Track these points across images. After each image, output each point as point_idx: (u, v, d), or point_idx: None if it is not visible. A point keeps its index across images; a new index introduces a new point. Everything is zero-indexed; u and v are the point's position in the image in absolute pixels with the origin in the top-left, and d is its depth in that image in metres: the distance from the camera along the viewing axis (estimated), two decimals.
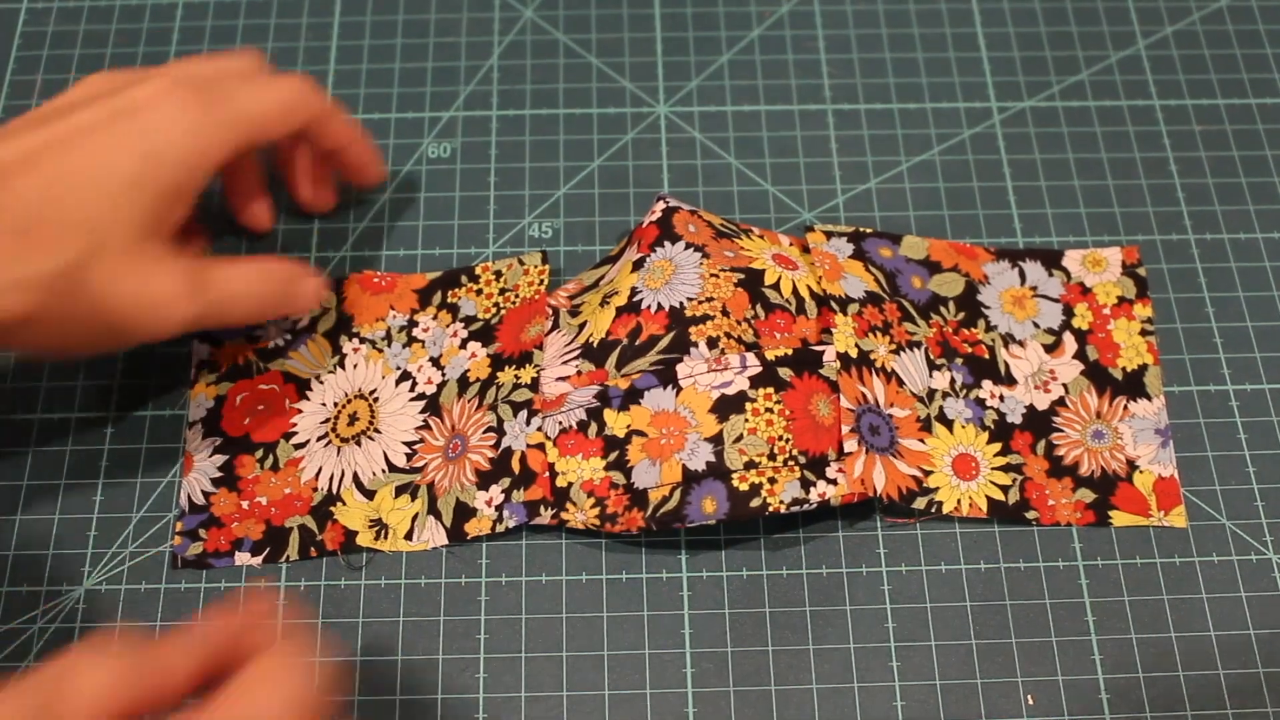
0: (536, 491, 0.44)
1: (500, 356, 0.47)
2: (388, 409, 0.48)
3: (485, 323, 0.49)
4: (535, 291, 0.49)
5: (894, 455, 0.45)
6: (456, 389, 0.47)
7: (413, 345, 0.49)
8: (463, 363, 0.48)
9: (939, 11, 0.58)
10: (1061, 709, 0.43)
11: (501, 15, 0.58)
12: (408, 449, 0.47)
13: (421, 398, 0.48)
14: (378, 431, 0.47)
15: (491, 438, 0.45)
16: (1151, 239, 0.52)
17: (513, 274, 0.50)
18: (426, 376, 0.48)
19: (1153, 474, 0.47)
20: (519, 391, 0.46)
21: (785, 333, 0.46)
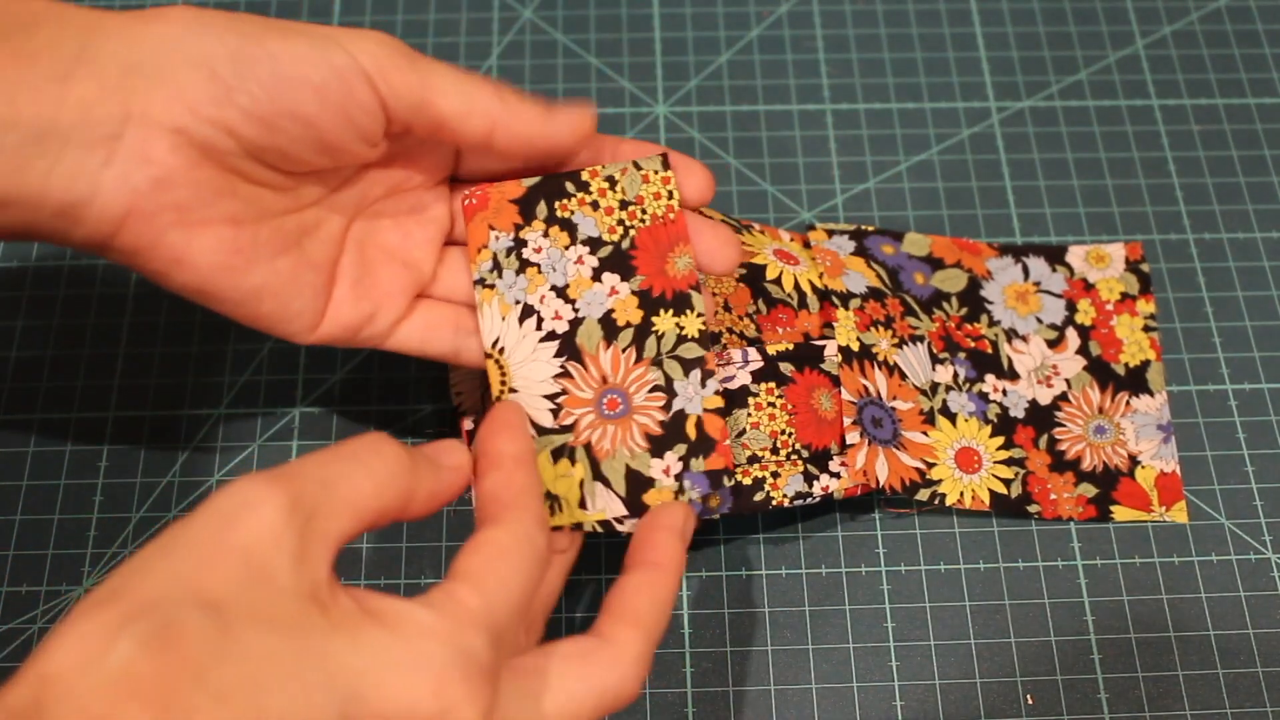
0: (718, 461, 0.39)
1: (650, 295, 0.41)
2: (516, 358, 0.41)
3: (615, 246, 0.41)
4: (667, 208, 0.41)
5: (897, 447, 0.45)
6: (601, 332, 0.41)
7: (527, 270, 0.42)
8: (602, 300, 0.41)
9: (938, 11, 0.59)
10: (1060, 709, 0.43)
11: (500, 15, 0.58)
12: (551, 404, 0.40)
13: (552, 336, 0.41)
14: (513, 392, 0.41)
15: (660, 398, 0.40)
16: (1150, 238, 0.52)
17: (630, 182, 0.42)
18: (554, 310, 0.41)
19: (1155, 469, 0.47)
20: (686, 346, 0.40)
21: (787, 327, 0.46)
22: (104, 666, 0.27)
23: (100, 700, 0.26)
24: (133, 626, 0.27)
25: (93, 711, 0.26)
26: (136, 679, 0.27)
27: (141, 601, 0.28)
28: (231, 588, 0.29)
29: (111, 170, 0.34)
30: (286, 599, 0.29)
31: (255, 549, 0.29)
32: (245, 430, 0.48)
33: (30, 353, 0.50)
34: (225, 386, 0.49)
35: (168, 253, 0.36)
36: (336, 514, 0.31)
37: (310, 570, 0.30)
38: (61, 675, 0.27)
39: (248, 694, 0.27)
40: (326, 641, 0.29)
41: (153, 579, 0.29)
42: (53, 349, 0.50)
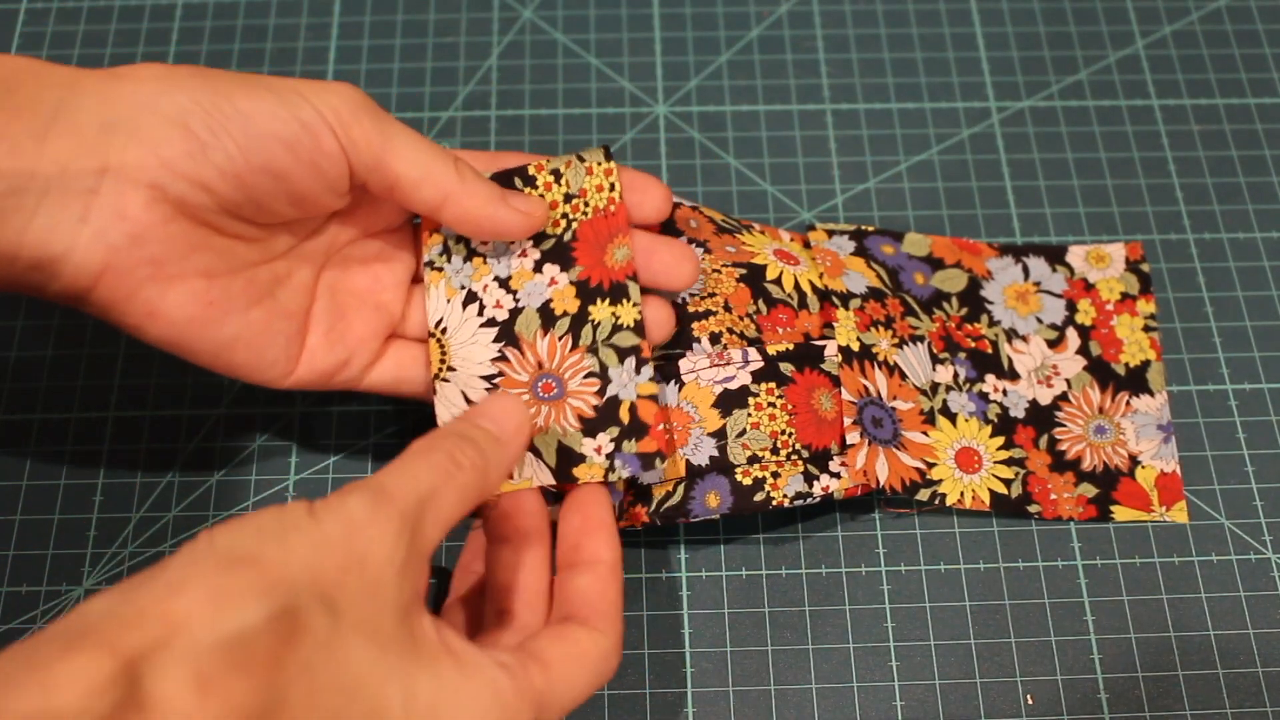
0: (650, 444, 0.40)
1: (588, 286, 0.42)
2: (457, 339, 0.43)
3: (557, 239, 0.43)
4: (608, 200, 0.43)
5: (897, 447, 0.45)
6: (539, 321, 0.43)
7: (473, 259, 0.44)
8: (542, 290, 0.43)
9: (937, 11, 0.59)
10: (1060, 708, 0.43)
11: (500, 15, 0.58)
12: (487, 384, 0.42)
13: (493, 324, 0.43)
14: (452, 370, 0.42)
15: (594, 383, 0.41)
16: (1150, 238, 0.52)
17: (574, 174, 0.43)
18: (495, 299, 0.43)
19: (1155, 469, 0.47)
20: (621, 335, 0.42)
21: (787, 328, 0.46)
22: (227, 628, 0.28)
23: (214, 661, 0.27)
24: (265, 600, 0.29)
25: (203, 669, 0.27)
26: (253, 652, 0.28)
27: (275, 578, 0.29)
28: (348, 592, 0.30)
29: (88, 226, 0.35)
30: (388, 614, 0.31)
31: (372, 560, 0.31)
32: (245, 430, 0.48)
33: (30, 353, 0.50)
34: (225, 386, 0.49)
35: (142, 307, 0.37)
36: (431, 529, 0.33)
37: (410, 586, 0.32)
38: (188, 622, 0.28)
39: (336, 697, 0.29)
40: (411, 667, 0.31)
41: (286, 558, 0.30)
42: (53, 349, 0.50)
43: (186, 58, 0.56)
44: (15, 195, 0.35)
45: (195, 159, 0.36)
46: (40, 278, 0.36)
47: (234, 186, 0.37)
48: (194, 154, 0.36)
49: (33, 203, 0.35)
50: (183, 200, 0.36)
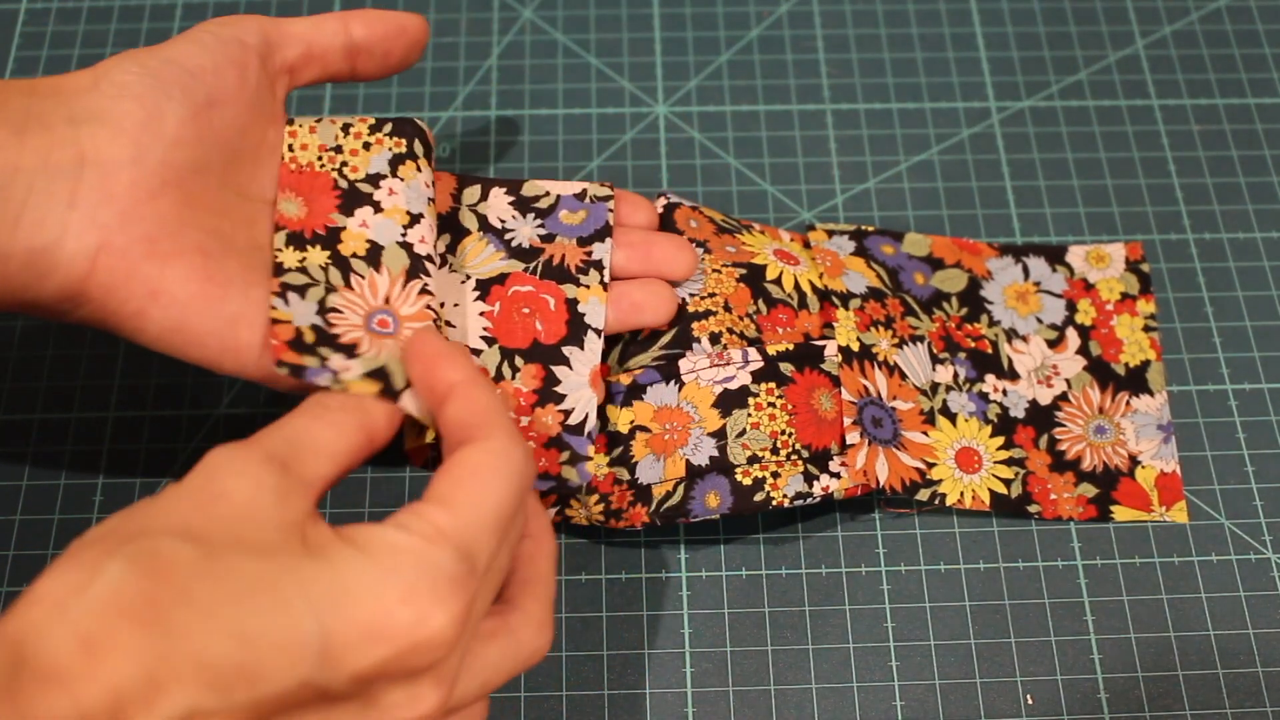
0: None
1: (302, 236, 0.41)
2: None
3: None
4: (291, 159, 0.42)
5: (897, 447, 0.45)
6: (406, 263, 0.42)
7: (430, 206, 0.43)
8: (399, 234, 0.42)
9: (937, 11, 0.59)
10: (1060, 708, 0.43)
11: (500, 15, 0.58)
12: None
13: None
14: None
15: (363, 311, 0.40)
16: (1150, 238, 0.52)
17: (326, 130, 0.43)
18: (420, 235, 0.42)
19: (1155, 469, 0.47)
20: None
21: (787, 328, 0.46)
22: (94, 589, 0.29)
23: (90, 619, 0.28)
24: (122, 551, 0.29)
25: (84, 630, 0.28)
26: (125, 598, 0.29)
27: (129, 534, 0.30)
28: (216, 524, 0.31)
29: (77, 210, 0.36)
30: (268, 530, 0.31)
31: (238, 493, 0.32)
32: (245, 430, 0.48)
33: (30, 353, 0.50)
34: (225, 386, 0.49)
35: (143, 286, 0.37)
36: (309, 461, 0.34)
37: (292, 507, 0.32)
38: (54, 597, 0.29)
39: (231, 610, 0.29)
40: (304, 564, 0.31)
41: (140, 520, 0.31)
42: (53, 349, 0.50)
43: None
44: (2, 190, 0.35)
45: (154, 118, 0.37)
46: (34, 275, 0.36)
47: (197, 132, 0.38)
48: (151, 115, 0.37)
49: (20, 195, 0.35)
50: (164, 165, 0.37)
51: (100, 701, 0.27)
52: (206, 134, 0.39)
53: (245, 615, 0.29)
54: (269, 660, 0.29)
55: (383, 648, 0.31)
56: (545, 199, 0.47)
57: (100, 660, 0.28)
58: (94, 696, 0.27)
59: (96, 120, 0.37)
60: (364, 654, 0.31)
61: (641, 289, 0.45)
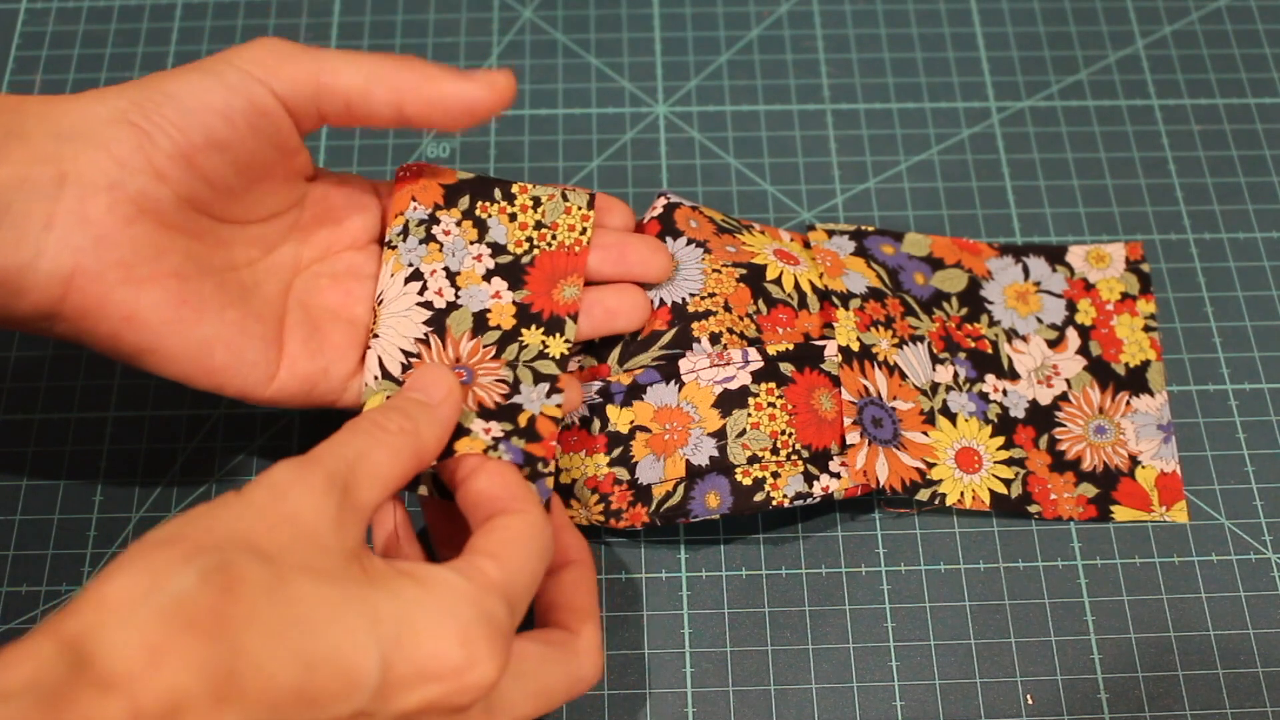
0: (539, 450, 0.40)
1: (529, 310, 0.43)
2: (390, 309, 0.43)
3: (515, 259, 0.44)
4: (575, 240, 0.44)
5: (897, 447, 0.45)
6: (471, 324, 0.43)
7: (430, 244, 0.44)
8: (483, 298, 0.44)
9: (938, 11, 0.59)
10: (1060, 708, 0.43)
11: (500, 15, 0.58)
12: (405, 359, 0.42)
13: (428, 307, 0.43)
14: (376, 336, 0.43)
15: (504, 389, 0.42)
16: (1150, 238, 0.52)
17: (553, 208, 0.45)
18: (438, 286, 0.44)
19: (1155, 469, 0.47)
20: (544, 363, 0.42)
21: (787, 328, 0.46)
22: (163, 596, 0.29)
23: (157, 627, 0.28)
24: (194, 562, 0.29)
25: (149, 638, 0.28)
26: (194, 611, 0.29)
27: (201, 544, 0.30)
28: (282, 545, 0.31)
29: (53, 233, 0.36)
30: (331, 556, 0.32)
31: (301, 516, 0.32)
32: (245, 430, 0.48)
33: (30, 353, 0.50)
34: None
35: (117, 310, 0.37)
36: (364, 486, 0.34)
37: (349, 536, 0.33)
38: (120, 601, 0.29)
39: (296, 634, 0.30)
40: (368, 592, 0.31)
41: (211, 529, 0.31)
42: (53, 349, 0.50)
43: (186, 57, 0.56)
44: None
45: (143, 150, 0.37)
46: (9, 294, 0.36)
47: (186, 169, 0.38)
48: (141, 145, 0.37)
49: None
50: (143, 195, 0.37)
51: (158, 709, 0.27)
52: (196, 173, 0.38)
53: (311, 640, 0.30)
54: (329, 687, 0.30)
55: (434, 687, 0.32)
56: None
57: (162, 668, 0.28)
58: (152, 704, 0.27)
59: (83, 140, 0.36)
60: (416, 691, 0.31)
61: (616, 295, 0.45)
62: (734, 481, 0.43)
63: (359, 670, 0.30)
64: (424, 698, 0.32)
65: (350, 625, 0.31)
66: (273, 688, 0.29)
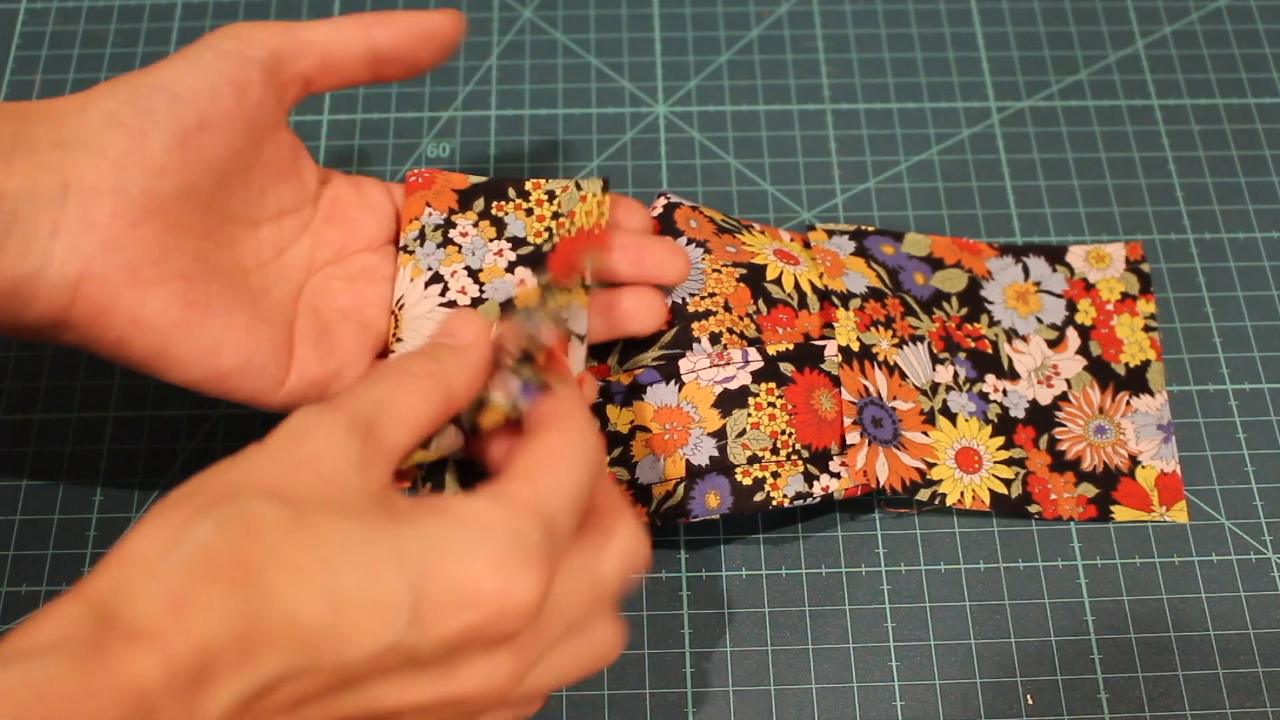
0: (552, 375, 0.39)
1: (554, 285, 0.42)
2: (412, 313, 0.43)
3: (536, 249, 0.45)
4: (595, 223, 0.44)
5: (897, 447, 0.45)
6: (499, 312, 0.43)
7: (448, 247, 0.44)
8: (508, 288, 0.44)
9: (938, 11, 0.59)
10: (1060, 708, 0.43)
11: (500, 15, 0.58)
12: None
13: (451, 305, 0.43)
14: (399, 340, 0.43)
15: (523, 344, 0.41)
16: (1150, 238, 0.52)
17: (568, 198, 0.45)
18: (461, 285, 0.44)
19: (1155, 469, 0.47)
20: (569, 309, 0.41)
21: (787, 328, 0.46)
22: (183, 548, 0.29)
23: (180, 579, 0.28)
24: (212, 512, 0.29)
25: (173, 590, 0.28)
26: (216, 559, 0.29)
27: (218, 494, 0.30)
28: (304, 488, 0.31)
29: (59, 240, 0.36)
30: (354, 496, 0.31)
31: (324, 458, 0.32)
32: (245, 430, 0.48)
33: (30, 353, 0.50)
34: None
35: (124, 314, 0.37)
36: (391, 429, 0.34)
37: (373, 478, 0.32)
38: (142, 558, 0.29)
39: (322, 572, 0.29)
40: (393, 528, 0.31)
41: (228, 480, 0.31)
42: (52, 349, 0.50)
43: None
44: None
45: (139, 146, 0.37)
46: (18, 303, 0.36)
47: (183, 157, 0.38)
48: (136, 143, 0.37)
49: (4, 224, 0.35)
50: (146, 193, 0.37)
51: (190, 658, 0.27)
52: (194, 159, 0.38)
53: (337, 577, 0.29)
54: (360, 623, 0.29)
55: (471, 613, 0.31)
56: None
57: (191, 618, 0.28)
58: (184, 654, 0.27)
59: (82, 147, 0.37)
60: (453, 619, 0.31)
61: (632, 297, 0.45)
62: (734, 481, 0.43)
63: (388, 603, 0.30)
64: (464, 624, 0.31)
65: (376, 559, 0.30)
66: (302, 627, 0.29)
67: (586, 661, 0.36)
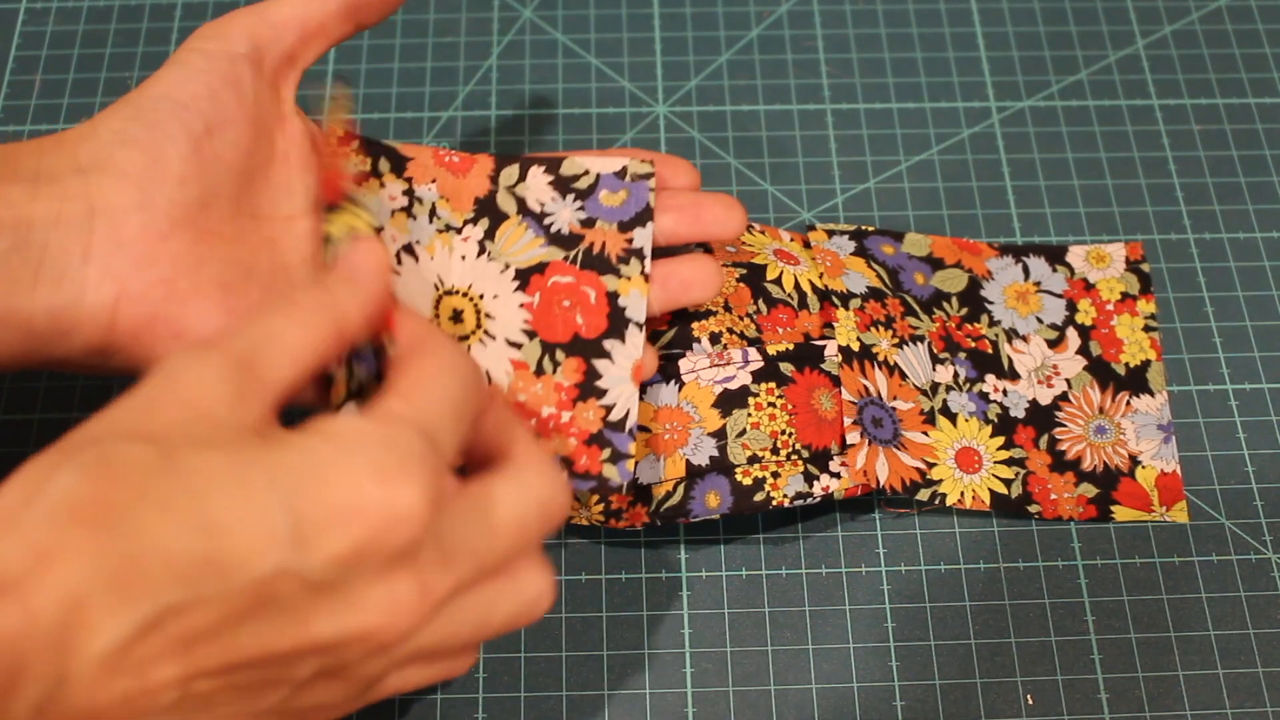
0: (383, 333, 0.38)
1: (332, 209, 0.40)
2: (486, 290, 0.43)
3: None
4: (332, 130, 0.41)
5: (897, 447, 0.45)
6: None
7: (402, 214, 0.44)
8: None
9: (938, 11, 0.59)
10: (1060, 708, 0.43)
11: (500, 15, 0.58)
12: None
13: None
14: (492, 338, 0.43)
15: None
16: (1151, 238, 0.52)
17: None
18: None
19: (1155, 469, 0.47)
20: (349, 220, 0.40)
21: (787, 328, 0.46)
22: (45, 498, 0.28)
23: (41, 529, 0.27)
24: (73, 459, 0.28)
25: (36, 540, 0.27)
26: (78, 503, 0.28)
27: (78, 443, 0.29)
28: (170, 427, 0.30)
29: (92, 264, 0.36)
30: (227, 430, 0.30)
31: (194, 396, 0.31)
32: None
33: None
34: None
35: (166, 329, 0.37)
36: (272, 363, 0.32)
37: (249, 411, 0.31)
38: (3, 514, 0.28)
39: (192, 501, 0.28)
40: (265, 453, 0.30)
41: (93, 428, 0.30)
42: None
43: None
44: (19, 250, 0.35)
45: (157, 160, 0.37)
46: (60, 334, 0.36)
47: (200, 162, 0.38)
48: (153, 157, 0.37)
49: (36, 254, 0.35)
50: (172, 204, 0.37)
51: (54, 608, 0.27)
52: (211, 163, 0.38)
53: (207, 506, 0.29)
54: (238, 548, 0.28)
55: (356, 527, 0.30)
56: (585, 178, 0.44)
57: (53, 567, 0.27)
58: (47, 604, 0.27)
59: (101, 169, 0.37)
60: (338, 535, 0.30)
61: (689, 266, 0.43)
62: (734, 481, 0.43)
63: (264, 524, 0.29)
64: (351, 540, 0.30)
65: (248, 482, 0.29)
66: (176, 562, 0.28)
67: (512, 609, 0.35)
